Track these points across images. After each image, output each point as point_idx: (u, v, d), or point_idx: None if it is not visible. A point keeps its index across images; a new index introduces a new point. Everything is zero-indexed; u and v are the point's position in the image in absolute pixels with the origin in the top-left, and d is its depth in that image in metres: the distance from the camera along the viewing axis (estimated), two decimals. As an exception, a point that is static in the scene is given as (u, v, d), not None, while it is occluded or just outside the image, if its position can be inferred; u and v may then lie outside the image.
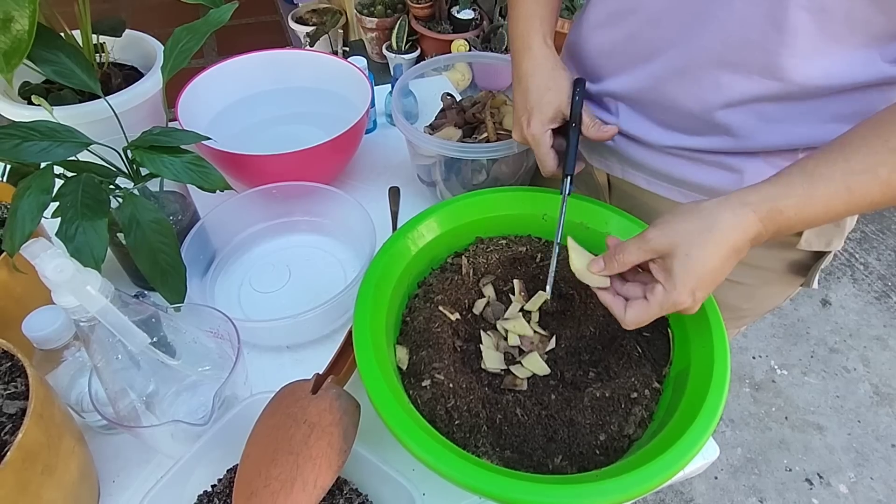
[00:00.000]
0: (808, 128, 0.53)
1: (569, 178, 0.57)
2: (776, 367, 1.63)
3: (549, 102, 0.57)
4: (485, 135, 0.74)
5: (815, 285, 0.65)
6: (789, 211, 0.44)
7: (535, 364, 0.53)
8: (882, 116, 0.45)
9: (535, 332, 0.57)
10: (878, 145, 0.43)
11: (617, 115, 0.63)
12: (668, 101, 0.57)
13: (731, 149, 0.56)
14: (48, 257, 0.36)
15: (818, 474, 1.42)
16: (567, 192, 0.56)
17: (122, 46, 0.78)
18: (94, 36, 0.70)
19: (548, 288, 0.55)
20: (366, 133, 0.89)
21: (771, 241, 0.52)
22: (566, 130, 0.58)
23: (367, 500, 0.49)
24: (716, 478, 1.41)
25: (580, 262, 0.51)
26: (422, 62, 0.81)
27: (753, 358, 1.64)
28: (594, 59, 0.63)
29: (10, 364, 0.44)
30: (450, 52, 1.97)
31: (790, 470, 1.42)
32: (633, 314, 0.47)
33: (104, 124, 0.63)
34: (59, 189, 0.51)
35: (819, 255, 0.62)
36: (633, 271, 0.50)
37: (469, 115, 0.76)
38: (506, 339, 0.56)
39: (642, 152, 0.63)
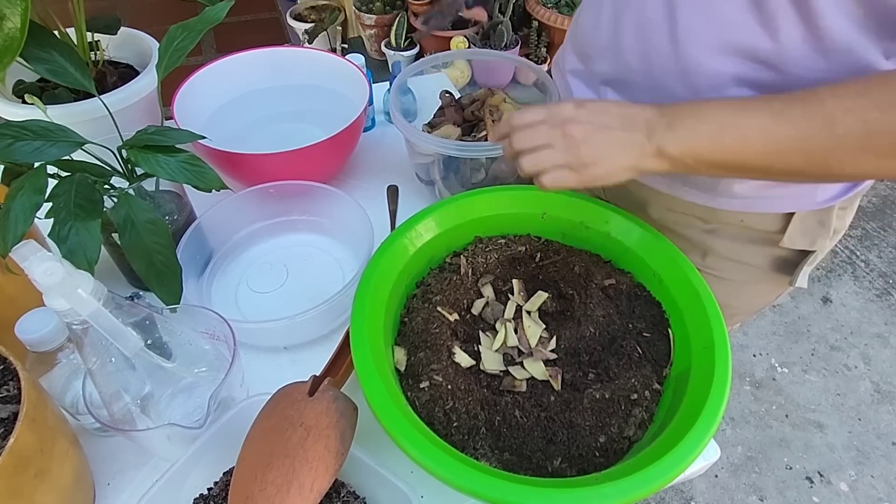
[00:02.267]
0: None
1: None
2: (777, 364, 1.62)
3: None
4: (484, 133, 0.73)
5: (804, 284, 0.64)
6: (683, 111, 0.45)
7: (536, 368, 0.53)
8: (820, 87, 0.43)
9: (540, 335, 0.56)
10: (798, 100, 0.43)
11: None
12: (652, 83, 0.56)
13: None
14: (37, 260, 0.35)
15: (819, 472, 1.41)
16: None
17: (118, 44, 0.77)
18: (89, 34, 0.69)
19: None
20: (364, 131, 0.89)
21: (754, 236, 0.57)
22: None
23: (365, 503, 0.49)
24: (716, 476, 1.40)
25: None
26: (421, 59, 0.80)
27: (754, 356, 1.64)
28: (585, 38, 0.62)
29: (2, 367, 0.44)
30: (449, 50, 1.96)
31: (791, 468, 1.42)
32: (522, 112, 0.48)
33: (99, 123, 0.62)
34: (53, 189, 0.50)
35: (804, 254, 0.62)
36: None
37: (468, 113, 0.76)
38: (505, 339, 0.56)
39: None
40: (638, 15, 0.54)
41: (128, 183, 0.59)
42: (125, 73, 0.76)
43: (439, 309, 0.56)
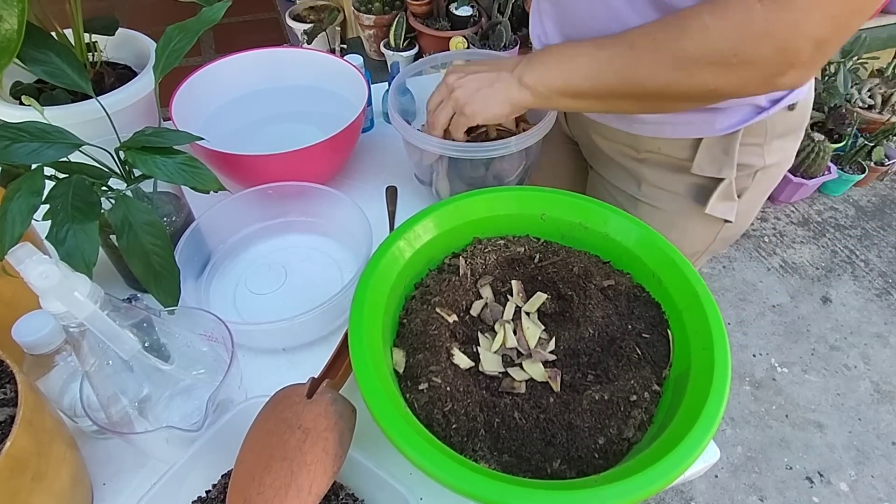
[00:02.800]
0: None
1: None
2: (776, 364, 1.62)
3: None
4: (482, 130, 0.73)
5: (724, 216, 0.70)
6: (543, 51, 0.58)
7: (535, 370, 0.53)
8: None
9: (539, 337, 0.56)
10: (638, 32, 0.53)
11: (547, 34, 0.69)
12: (586, 18, 0.62)
13: None
14: (33, 263, 0.35)
15: (819, 472, 1.41)
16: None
17: (116, 45, 0.77)
18: (87, 35, 0.69)
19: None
20: (363, 132, 0.88)
21: (671, 164, 0.70)
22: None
23: (364, 505, 0.49)
24: (716, 476, 1.40)
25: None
26: (420, 60, 0.80)
27: (753, 356, 1.64)
28: None
29: (-1, 370, 0.44)
30: (448, 50, 1.96)
31: (791, 468, 1.42)
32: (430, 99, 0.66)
33: (96, 124, 0.62)
34: (50, 191, 0.50)
35: (716, 182, 0.68)
36: None
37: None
38: (503, 340, 0.56)
39: None
40: None
41: (125, 184, 0.59)
42: (123, 74, 0.76)
43: (438, 310, 0.55)
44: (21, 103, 0.66)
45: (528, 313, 0.57)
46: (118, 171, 0.58)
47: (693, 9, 0.50)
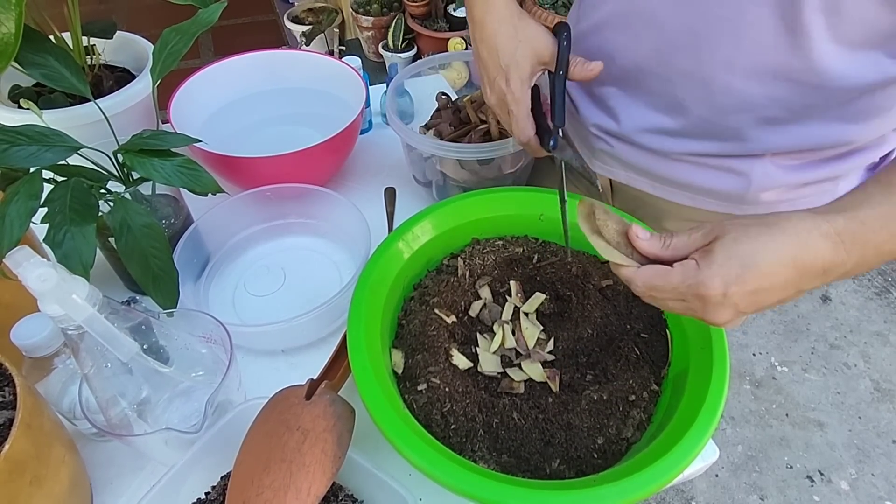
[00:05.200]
0: (816, 128, 0.53)
1: (559, 132, 0.52)
2: (776, 363, 1.62)
3: (524, 56, 0.53)
4: (483, 127, 0.73)
5: None
6: (873, 222, 0.37)
7: (534, 370, 0.53)
8: None
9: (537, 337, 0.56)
10: None
11: (625, 122, 0.62)
12: (676, 106, 0.56)
13: (738, 152, 0.56)
14: (31, 266, 0.35)
15: (819, 471, 1.41)
16: (554, 145, 0.52)
17: (114, 48, 0.77)
18: (85, 38, 0.69)
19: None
20: (361, 133, 0.88)
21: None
22: (551, 81, 0.54)
23: (363, 506, 0.49)
24: (716, 476, 1.40)
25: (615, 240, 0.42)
26: (418, 61, 0.80)
27: (753, 355, 1.64)
28: (593, 59, 0.62)
29: (-2, 373, 0.44)
30: (446, 51, 1.96)
31: (791, 467, 1.42)
32: (648, 273, 0.39)
33: (95, 127, 0.62)
34: (48, 194, 0.50)
35: None
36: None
37: (464, 115, 0.76)
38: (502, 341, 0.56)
39: (648, 158, 0.63)
40: (658, 38, 0.54)
41: (124, 187, 0.59)
42: (121, 77, 0.76)
43: (437, 311, 0.55)
44: (19, 107, 0.66)
45: (526, 314, 0.58)
46: (116, 174, 0.59)
47: None
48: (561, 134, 0.53)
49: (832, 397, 1.55)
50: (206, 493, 0.49)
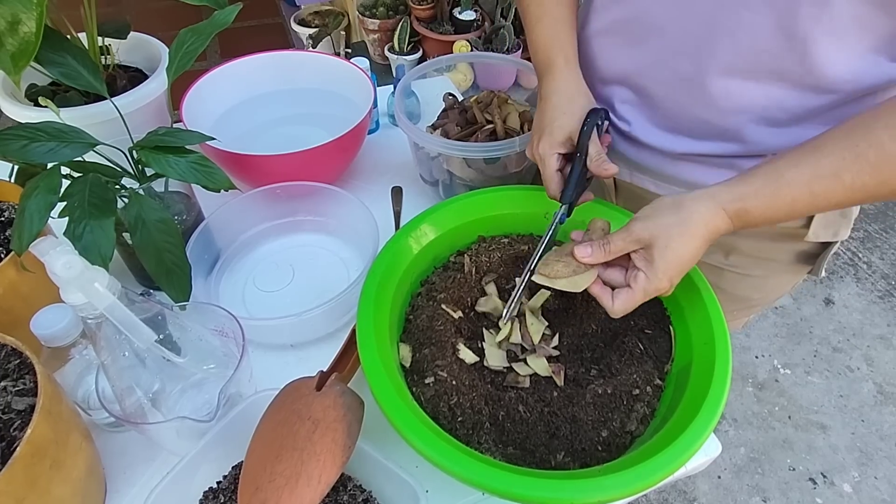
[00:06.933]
0: (817, 130, 0.53)
1: (565, 206, 0.55)
2: (779, 366, 1.62)
3: (561, 127, 0.56)
4: (489, 126, 0.74)
5: (823, 273, 0.67)
6: (756, 211, 0.47)
7: (539, 365, 0.54)
8: (856, 120, 0.46)
9: (542, 332, 0.57)
10: (847, 150, 0.45)
11: (629, 122, 0.63)
12: (677, 108, 0.58)
13: (741, 152, 0.58)
14: (57, 254, 0.36)
15: (822, 474, 1.41)
16: (559, 220, 0.55)
17: (128, 48, 0.79)
18: (100, 38, 0.70)
19: (505, 313, 0.54)
20: (368, 133, 0.90)
21: (778, 233, 0.57)
22: (572, 162, 0.56)
23: (371, 496, 0.50)
24: (719, 477, 1.41)
25: (566, 271, 0.51)
26: (424, 63, 0.81)
27: (756, 357, 1.64)
28: (597, 62, 0.64)
29: (18, 361, 0.45)
30: (451, 53, 1.97)
31: (794, 469, 1.42)
32: (620, 303, 0.49)
33: (110, 125, 0.63)
34: (66, 189, 0.51)
35: (826, 245, 0.64)
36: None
37: (470, 116, 0.77)
38: (508, 336, 0.57)
39: (651, 157, 0.64)
40: (659, 43, 0.56)
41: (138, 183, 0.60)
42: (135, 76, 0.77)
43: (443, 306, 0.57)
44: (37, 105, 0.68)
45: (531, 310, 0.58)
46: (131, 171, 0.60)
47: (872, 117, 0.45)
48: (569, 212, 0.56)
49: (835, 400, 1.55)
50: (218, 483, 0.50)
